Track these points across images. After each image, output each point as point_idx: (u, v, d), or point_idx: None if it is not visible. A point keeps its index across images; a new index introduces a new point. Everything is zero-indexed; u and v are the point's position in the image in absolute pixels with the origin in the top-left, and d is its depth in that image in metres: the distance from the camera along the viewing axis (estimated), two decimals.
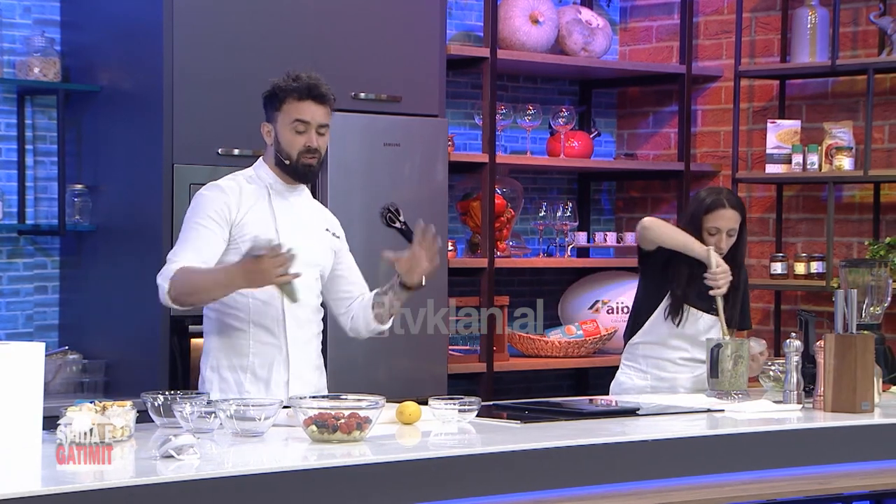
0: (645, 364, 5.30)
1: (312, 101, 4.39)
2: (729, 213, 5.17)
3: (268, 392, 4.37)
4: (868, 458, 4.41)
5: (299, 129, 4.39)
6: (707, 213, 5.17)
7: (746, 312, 5.38)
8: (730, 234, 5.20)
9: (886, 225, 6.72)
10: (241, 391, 4.38)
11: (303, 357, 4.46)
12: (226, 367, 4.43)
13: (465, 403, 4.13)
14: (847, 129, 6.72)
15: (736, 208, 5.20)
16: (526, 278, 7.17)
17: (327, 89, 4.42)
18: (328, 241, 4.56)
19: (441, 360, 6.07)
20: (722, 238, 5.17)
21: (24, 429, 3.52)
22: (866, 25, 6.80)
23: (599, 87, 7.50)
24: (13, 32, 5.65)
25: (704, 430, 4.28)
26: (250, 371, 4.41)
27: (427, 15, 6.09)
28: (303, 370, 4.46)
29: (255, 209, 4.41)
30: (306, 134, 4.39)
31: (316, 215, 4.58)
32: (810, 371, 4.80)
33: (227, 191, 4.41)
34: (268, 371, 4.41)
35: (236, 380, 4.41)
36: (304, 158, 4.41)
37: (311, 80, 4.41)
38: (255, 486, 3.32)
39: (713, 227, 5.16)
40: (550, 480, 3.80)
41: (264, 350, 4.41)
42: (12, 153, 5.65)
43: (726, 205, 5.17)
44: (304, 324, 4.47)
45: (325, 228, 4.57)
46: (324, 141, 4.44)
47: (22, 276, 5.68)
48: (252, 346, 4.41)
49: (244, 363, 4.42)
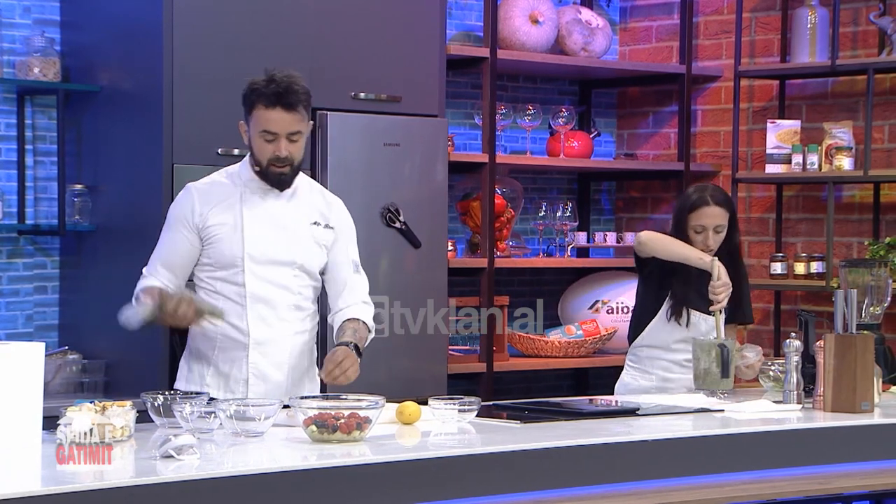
0: (650, 366, 5.31)
1: (282, 109, 4.29)
2: (713, 210, 5.12)
3: (227, 388, 4.38)
4: (868, 458, 4.41)
5: (268, 139, 4.32)
6: (691, 211, 5.14)
7: (747, 307, 5.36)
8: (717, 231, 5.15)
9: (886, 225, 6.72)
10: (202, 384, 4.41)
11: (268, 358, 4.42)
12: (195, 358, 4.47)
13: (464, 403, 4.13)
14: (847, 129, 6.72)
15: (722, 205, 5.15)
16: (526, 278, 7.17)
17: (300, 94, 4.31)
18: (313, 236, 4.47)
19: (441, 360, 6.07)
20: (708, 236, 5.13)
21: (24, 429, 3.52)
22: (866, 25, 6.80)
23: (599, 87, 7.50)
24: (13, 32, 5.65)
25: (704, 430, 4.27)
26: (213, 365, 4.43)
27: (427, 15, 6.09)
28: (268, 371, 4.42)
29: (222, 209, 4.39)
30: (275, 143, 4.31)
31: (300, 209, 4.48)
32: (810, 371, 4.80)
33: (193, 193, 4.43)
34: (229, 367, 4.41)
35: (200, 372, 4.45)
36: (274, 167, 4.35)
37: (283, 84, 4.29)
38: (255, 486, 3.32)
39: (698, 226, 5.13)
40: (550, 480, 3.80)
41: (229, 345, 4.41)
42: (12, 153, 5.65)
43: (710, 202, 5.13)
44: (275, 322, 4.43)
45: (314, 222, 4.49)
46: (297, 147, 4.35)
47: (22, 276, 5.68)
48: (219, 340, 4.42)
49: (209, 356, 4.43)
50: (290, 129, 4.31)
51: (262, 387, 4.39)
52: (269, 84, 4.30)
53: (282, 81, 4.30)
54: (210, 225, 4.39)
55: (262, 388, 4.38)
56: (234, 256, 4.38)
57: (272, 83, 4.30)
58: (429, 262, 6.01)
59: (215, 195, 4.43)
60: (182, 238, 4.41)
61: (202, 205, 4.40)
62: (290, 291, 4.44)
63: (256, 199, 4.42)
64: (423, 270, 5.99)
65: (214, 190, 4.44)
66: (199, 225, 4.39)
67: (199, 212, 4.39)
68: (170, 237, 4.44)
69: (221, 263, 4.40)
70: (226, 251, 4.39)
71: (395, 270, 5.88)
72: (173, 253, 4.42)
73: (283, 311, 4.44)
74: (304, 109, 4.34)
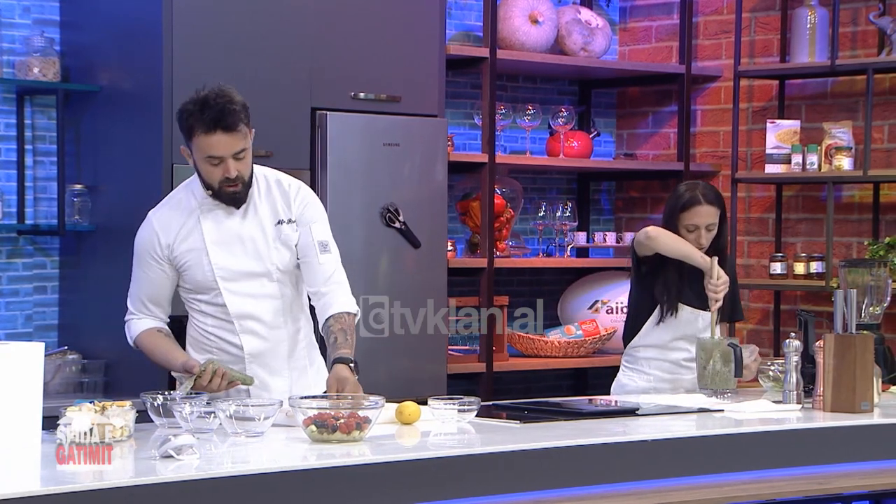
0: (647, 366, 5.30)
1: (222, 132, 4.18)
2: (705, 209, 5.12)
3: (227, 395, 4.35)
4: (867, 458, 4.41)
5: (213, 163, 4.23)
6: (683, 210, 5.13)
7: (737, 303, 5.37)
8: (709, 230, 5.14)
9: (886, 225, 6.72)
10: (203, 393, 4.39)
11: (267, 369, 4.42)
12: None
13: (464, 403, 4.13)
14: (846, 129, 6.72)
15: (713, 203, 5.14)
16: (526, 278, 7.17)
17: (237, 112, 4.18)
18: (280, 237, 4.40)
19: (441, 360, 6.07)
20: (701, 234, 5.13)
21: (24, 429, 3.52)
22: (866, 25, 6.80)
23: (599, 87, 7.50)
24: (13, 32, 5.64)
25: (704, 430, 4.28)
26: None
27: (427, 15, 6.09)
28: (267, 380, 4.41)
29: (184, 237, 4.36)
30: (222, 166, 4.23)
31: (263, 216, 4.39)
32: (810, 371, 4.80)
33: (154, 225, 4.39)
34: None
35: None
36: (226, 188, 4.28)
37: (218, 107, 4.16)
38: (255, 486, 3.32)
39: (691, 224, 5.13)
40: (550, 480, 3.80)
41: (227, 360, 4.38)
42: (12, 153, 5.64)
43: (702, 201, 5.12)
44: (266, 333, 4.42)
45: (277, 221, 4.40)
46: (244, 164, 4.26)
47: (21, 276, 5.68)
48: (217, 353, 4.41)
49: None
50: (234, 150, 4.22)
51: (265, 395, 4.37)
52: (203, 109, 4.18)
53: (216, 104, 4.17)
54: (177, 255, 4.37)
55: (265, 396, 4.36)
56: (207, 280, 4.36)
57: (206, 108, 4.17)
58: (428, 262, 6.01)
59: (175, 222, 4.37)
60: (157, 272, 4.39)
61: (165, 236, 4.36)
62: (272, 298, 4.41)
63: (213, 217, 4.36)
64: (423, 270, 5.99)
65: (174, 216, 4.38)
66: (167, 256, 4.37)
67: (165, 244, 4.36)
68: (144, 273, 4.41)
69: (199, 288, 4.39)
70: (198, 277, 4.37)
71: (394, 270, 5.88)
72: (153, 286, 4.41)
73: (273, 320, 4.42)
74: (245, 125, 4.22)
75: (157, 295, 4.42)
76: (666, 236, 5.14)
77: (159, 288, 4.41)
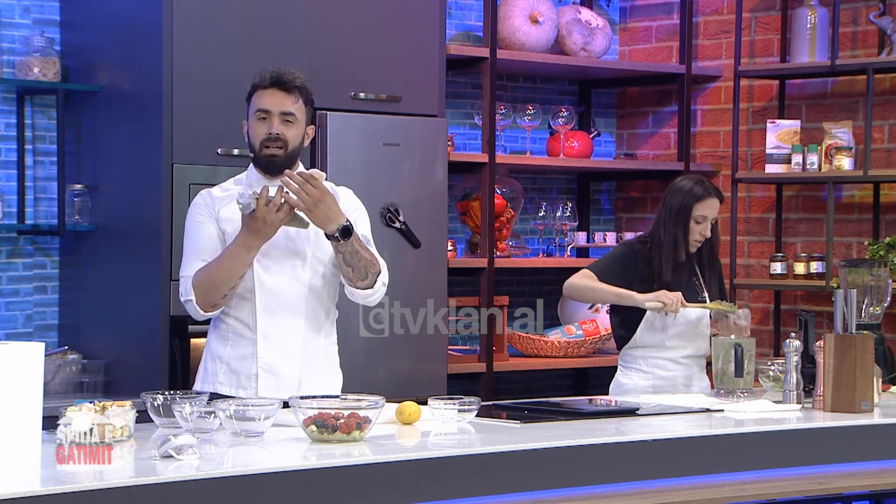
0: (645, 365, 5.33)
1: (276, 88, 4.36)
2: (715, 201, 5.35)
3: (238, 385, 4.38)
4: (868, 458, 4.41)
5: (261, 117, 4.37)
6: (698, 201, 5.30)
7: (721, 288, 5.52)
8: (712, 222, 5.36)
9: (886, 225, 6.73)
10: (215, 383, 4.42)
11: (277, 351, 4.42)
12: (210, 357, 4.48)
13: (464, 403, 4.13)
14: (847, 129, 6.72)
15: (719, 197, 5.39)
16: (526, 278, 7.17)
17: (294, 78, 4.38)
18: None
19: (441, 360, 6.07)
20: (707, 226, 5.32)
21: (24, 429, 3.52)
22: (866, 25, 6.81)
23: (599, 87, 7.50)
24: (13, 32, 5.65)
25: (704, 430, 4.28)
26: (226, 362, 4.43)
27: (427, 15, 6.09)
28: (277, 364, 4.42)
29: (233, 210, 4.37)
30: (267, 122, 4.36)
31: None
32: (810, 371, 4.80)
33: (205, 195, 4.47)
34: (240, 363, 4.41)
35: (213, 370, 4.45)
36: (266, 149, 4.36)
37: (280, 69, 4.39)
38: (255, 486, 3.32)
39: (700, 216, 5.31)
40: (550, 480, 3.80)
41: (240, 342, 4.41)
42: (12, 153, 5.65)
43: (713, 194, 5.34)
44: (285, 316, 4.43)
45: None
46: (290, 131, 4.37)
47: (21, 276, 5.68)
48: (231, 337, 4.43)
49: (222, 354, 4.44)
50: (283, 108, 4.36)
51: (273, 380, 4.39)
52: (266, 70, 4.41)
53: (279, 67, 4.41)
54: (222, 218, 4.41)
55: (272, 381, 4.39)
56: None
57: (269, 69, 4.41)
58: (428, 262, 6.02)
59: (227, 196, 4.45)
60: (212, 229, 4.42)
61: (217, 201, 4.44)
62: (300, 283, 4.43)
63: None
64: (423, 270, 5.99)
65: (225, 193, 4.48)
66: (216, 218, 4.42)
67: (216, 206, 4.43)
68: (199, 233, 4.43)
69: None
70: None
71: (394, 270, 5.84)
72: (206, 243, 4.40)
73: (293, 303, 4.43)
74: (301, 97, 4.39)
75: (211, 251, 4.38)
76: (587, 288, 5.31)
77: (212, 244, 4.39)
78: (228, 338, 4.43)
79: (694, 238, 5.30)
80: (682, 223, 5.29)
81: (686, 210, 5.29)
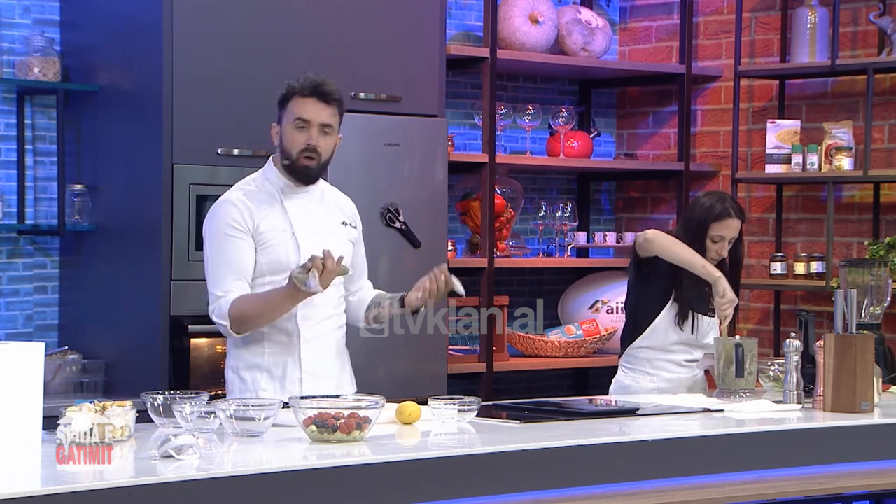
0: (649, 367, 5.31)
1: (317, 99, 4.37)
2: (735, 222, 5.22)
3: (283, 390, 4.39)
4: (868, 458, 4.41)
5: (300, 126, 4.37)
6: (716, 220, 5.20)
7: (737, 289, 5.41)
8: (730, 242, 5.24)
9: (886, 225, 6.72)
10: (256, 390, 4.41)
11: (317, 354, 4.46)
12: (243, 367, 4.46)
13: (464, 403, 4.13)
14: (847, 129, 6.72)
15: (740, 217, 5.25)
16: (526, 278, 7.17)
17: (334, 90, 4.39)
18: (346, 234, 4.55)
19: (441, 360, 6.07)
20: (724, 246, 5.22)
21: (24, 429, 3.52)
22: (866, 25, 6.80)
23: (599, 87, 7.50)
24: (13, 32, 5.65)
25: (704, 430, 4.28)
26: (266, 370, 4.43)
27: (427, 15, 6.09)
28: (318, 367, 4.46)
29: (270, 215, 4.40)
30: (307, 132, 4.37)
31: (331, 210, 4.55)
32: (810, 371, 4.80)
33: (235, 202, 4.41)
34: (282, 369, 4.43)
35: (253, 379, 4.44)
36: (303, 159, 4.39)
37: (319, 79, 4.40)
38: (255, 486, 3.32)
39: (718, 235, 5.20)
40: (550, 480, 3.79)
41: (278, 349, 4.43)
42: (12, 153, 5.65)
43: (733, 214, 5.21)
44: (321, 320, 4.47)
45: (342, 222, 4.55)
46: (326, 142, 4.39)
47: (21, 276, 5.68)
48: (267, 345, 4.43)
49: (260, 362, 4.44)
50: (323, 120, 4.37)
51: (316, 382, 4.43)
52: (306, 79, 4.41)
53: (318, 77, 4.41)
54: (262, 230, 4.39)
55: (315, 383, 4.42)
56: (290, 261, 4.37)
57: (309, 78, 4.41)
58: (429, 262, 5.97)
59: (256, 200, 4.42)
60: (246, 245, 4.37)
61: (250, 210, 4.39)
62: (335, 288, 4.46)
63: (297, 201, 4.46)
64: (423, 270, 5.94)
65: (254, 196, 4.43)
66: (252, 230, 4.38)
67: (251, 216, 4.38)
68: (230, 248, 4.37)
69: (274, 268, 4.39)
70: (282, 257, 4.39)
71: (395, 270, 5.88)
72: (240, 260, 4.37)
73: (329, 308, 4.48)
74: (337, 109, 4.41)
75: (245, 269, 4.37)
76: (666, 240, 5.17)
77: (247, 262, 4.37)
78: (264, 345, 4.43)
79: (710, 256, 5.19)
80: (698, 240, 5.19)
81: (703, 227, 5.19)
